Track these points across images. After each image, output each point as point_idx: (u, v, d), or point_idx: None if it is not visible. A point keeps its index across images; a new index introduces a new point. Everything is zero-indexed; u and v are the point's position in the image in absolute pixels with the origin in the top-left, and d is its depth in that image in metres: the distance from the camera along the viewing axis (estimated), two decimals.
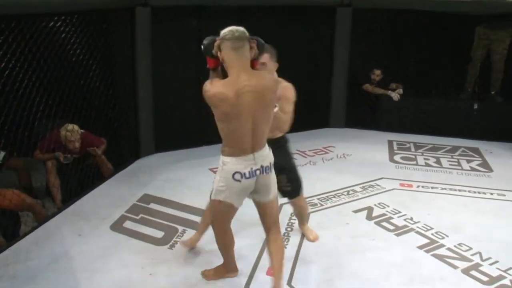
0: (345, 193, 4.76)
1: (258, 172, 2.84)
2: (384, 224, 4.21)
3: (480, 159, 5.95)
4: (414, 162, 5.78)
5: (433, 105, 6.87)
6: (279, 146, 3.39)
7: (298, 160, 5.55)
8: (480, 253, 3.78)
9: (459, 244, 3.91)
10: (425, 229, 4.14)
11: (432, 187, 5.04)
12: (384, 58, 7.21)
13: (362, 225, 4.21)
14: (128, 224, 4.11)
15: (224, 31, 2.75)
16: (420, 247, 3.86)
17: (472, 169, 5.62)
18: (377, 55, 7.21)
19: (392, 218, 4.32)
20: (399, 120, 6.88)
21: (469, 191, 4.97)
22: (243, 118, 2.73)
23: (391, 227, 4.15)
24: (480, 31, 6.63)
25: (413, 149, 6.24)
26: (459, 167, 5.66)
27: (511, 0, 6.24)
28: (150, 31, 5.30)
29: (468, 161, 5.86)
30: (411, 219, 4.31)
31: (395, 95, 6.97)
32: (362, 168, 5.44)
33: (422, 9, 6.61)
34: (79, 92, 4.92)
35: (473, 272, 3.54)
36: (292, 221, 4.15)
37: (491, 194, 4.92)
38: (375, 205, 4.54)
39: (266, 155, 2.89)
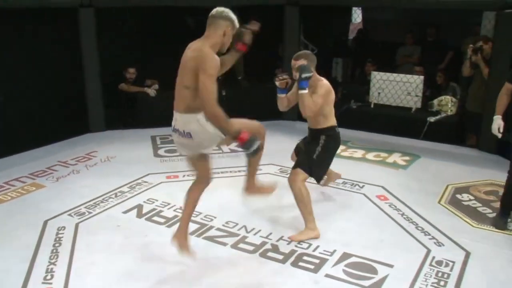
0: (113, 195, 4.68)
1: (176, 131, 3.28)
2: (155, 218, 4.26)
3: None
4: (178, 153, 5.92)
5: None
6: (316, 137, 3.99)
7: (60, 172, 5.31)
8: (245, 226, 4.09)
9: (227, 223, 4.16)
10: (195, 215, 4.27)
11: None
12: (137, 56, 7.23)
13: (133, 224, 4.18)
14: None
15: None
16: (192, 233, 3.99)
17: (232, 150, 6.00)
18: (129, 53, 7.20)
19: (162, 211, 4.39)
20: (160, 115, 6.94)
21: (230, 171, 5.31)
22: (178, 75, 3.22)
23: (162, 220, 4.22)
24: None
25: None
26: (220, 151, 6.01)
27: None
28: None
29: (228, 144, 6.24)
30: (181, 208, 4.38)
31: (152, 91, 7.08)
32: (127, 168, 5.40)
33: (167, 5, 6.78)
34: None
35: (241, 245, 3.82)
36: (59, 235, 3.93)
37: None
38: (144, 202, 4.56)
39: (183, 122, 3.21)
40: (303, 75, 3.70)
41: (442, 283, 3.35)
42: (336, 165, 5.23)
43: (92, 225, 4.15)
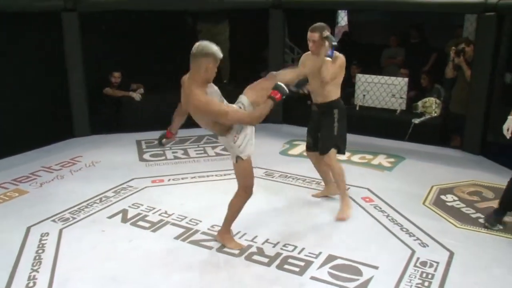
0: (98, 200, 4.64)
1: None
2: (140, 223, 4.23)
3: (222, 144, 6.37)
4: (164, 158, 5.92)
5: (175, 99, 7.07)
6: (328, 111, 4.27)
7: (44, 177, 5.26)
8: (230, 230, 4.05)
9: (212, 226, 4.15)
10: (180, 219, 4.29)
11: (182, 178, 5.25)
12: (121, 60, 7.19)
13: (118, 229, 4.16)
14: None
15: None
16: (177, 237, 3.99)
17: (217, 154, 6.02)
18: (114, 58, 7.16)
19: (147, 215, 4.36)
20: (145, 119, 6.95)
21: (216, 175, 5.30)
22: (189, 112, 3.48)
23: (147, 225, 4.19)
24: (203, 26, 7.11)
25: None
26: (206, 154, 6.00)
27: None
28: None
29: (213, 148, 6.24)
30: (166, 212, 4.42)
31: (137, 95, 7.06)
32: (113, 172, 5.36)
33: (148, 9, 6.77)
34: None
35: (227, 248, 3.81)
36: (43, 241, 3.89)
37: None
38: (129, 206, 4.53)
39: (222, 143, 3.75)
40: (334, 43, 4.06)
41: (426, 283, 3.37)
42: None
43: (77, 231, 4.11)
